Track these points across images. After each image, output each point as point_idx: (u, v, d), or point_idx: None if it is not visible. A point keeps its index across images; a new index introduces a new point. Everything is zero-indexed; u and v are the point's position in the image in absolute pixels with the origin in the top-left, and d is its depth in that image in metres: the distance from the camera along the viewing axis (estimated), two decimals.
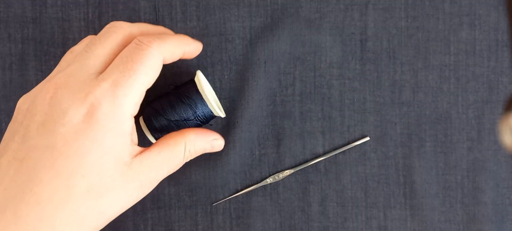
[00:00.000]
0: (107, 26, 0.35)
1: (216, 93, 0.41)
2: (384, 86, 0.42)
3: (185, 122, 0.37)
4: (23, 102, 0.33)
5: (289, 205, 0.42)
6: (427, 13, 0.41)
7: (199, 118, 0.37)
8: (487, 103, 0.42)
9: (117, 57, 0.33)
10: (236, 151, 0.41)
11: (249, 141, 0.42)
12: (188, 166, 0.41)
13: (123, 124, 0.32)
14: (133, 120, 0.33)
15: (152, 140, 0.38)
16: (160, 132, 0.37)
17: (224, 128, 0.42)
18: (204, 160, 0.41)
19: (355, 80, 0.42)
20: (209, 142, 0.37)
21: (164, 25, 0.41)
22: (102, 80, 0.32)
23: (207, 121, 0.38)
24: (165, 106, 0.37)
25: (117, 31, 0.34)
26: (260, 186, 0.42)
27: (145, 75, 0.32)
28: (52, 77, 0.34)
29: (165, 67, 0.38)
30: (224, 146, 0.41)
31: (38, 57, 0.41)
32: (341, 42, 0.41)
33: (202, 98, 0.37)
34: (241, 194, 0.42)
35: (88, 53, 0.33)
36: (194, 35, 0.41)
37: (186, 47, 0.36)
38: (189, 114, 0.37)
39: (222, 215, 0.42)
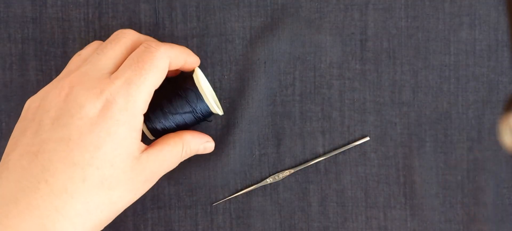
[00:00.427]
0: (115, 33, 0.37)
1: (216, 94, 0.41)
2: (384, 86, 0.41)
3: (181, 116, 0.37)
4: (33, 102, 0.34)
5: (289, 205, 0.42)
6: (427, 13, 0.41)
7: (196, 113, 0.38)
8: (487, 103, 0.41)
9: (128, 58, 0.35)
10: (236, 151, 0.41)
11: (249, 141, 0.41)
12: (188, 166, 0.41)
13: (135, 119, 0.33)
14: (142, 117, 0.34)
15: (149, 135, 0.38)
16: (157, 126, 0.37)
17: (224, 128, 0.41)
18: (204, 160, 0.41)
19: (355, 80, 0.41)
20: (202, 143, 0.39)
21: (164, 26, 0.41)
22: (115, 78, 0.33)
23: (204, 117, 0.38)
24: (163, 100, 0.37)
25: (126, 36, 0.36)
26: (260, 186, 0.41)
27: (154, 75, 0.34)
28: (63, 77, 0.35)
29: None
30: (224, 146, 0.41)
31: (38, 57, 0.41)
32: (341, 42, 0.41)
33: (200, 93, 0.37)
34: (241, 194, 0.41)
35: (99, 55, 0.35)
36: (194, 36, 0.41)
37: (187, 58, 0.38)
38: (186, 108, 0.37)
39: (222, 215, 0.42)
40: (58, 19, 0.41)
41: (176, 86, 0.38)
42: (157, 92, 0.38)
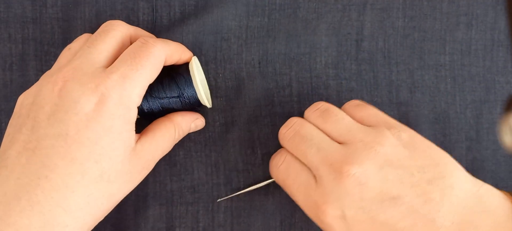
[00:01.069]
0: (104, 24, 0.34)
1: (211, 90, 0.38)
2: (381, 86, 0.39)
3: (169, 100, 0.35)
4: (26, 98, 0.32)
5: (290, 204, 0.38)
6: (425, 13, 0.39)
7: (183, 98, 0.35)
8: (485, 103, 0.39)
9: (124, 53, 0.33)
10: (237, 149, 0.39)
11: (250, 140, 0.39)
12: (190, 163, 0.38)
13: (129, 113, 0.32)
14: (136, 110, 0.32)
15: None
16: (143, 107, 0.35)
17: (222, 126, 0.39)
18: (206, 157, 0.39)
19: (352, 80, 0.39)
20: (192, 121, 0.37)
21: (162, 24, 0.39)
22: (111, 72, 0.31)
23: (191, 105, 0.36)
24: (154, 81, 0.35)
25: (116, 28, 0.34)
26: (262, 185, 0.39)
27: (149, 71, 0.32)
28: (54, 72, 0.32)
29: None
30: (225, 144, 0.38)
31: (39, 57, 0.39)
32: (336, 43, 0.39)
33: (190, 78, 0.35)
34: (246, 191, 0.39)
35: (90, 49, 0.33)
36: (189, 32, 0.38)
37: (182, 54, 0.36)
38: (174, 92, 0.35)
39: (224, 213, 0.39)
40: (58, 19, 0.39)
41: (170, 70, 0.36)
42: None
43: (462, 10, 0.39)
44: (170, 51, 0.34)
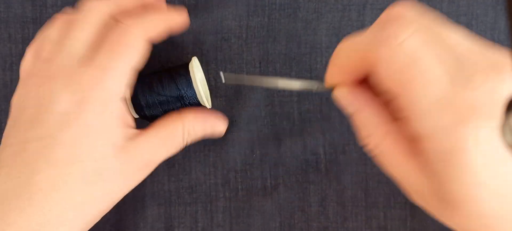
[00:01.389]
0: (82, 6, 0.31)
1: (211, 91, 0.38)
2: None
3: (167, 99, 0.33)
4: (16, 99, 0.31)
5: (289, 204, 0.38)
6: None
7: (182, 98, 0.33)
8: None
9: (101, 42, 0.30)
10: (236, 149, 0.38)
11: (249, 140, 0.38)
12: (188, 163, 0.38)
13: (112, 107, 0.29)
14: (123, 102, 0.30)
15: (134, 114, 0.34)
16: (145, 107, 0.34)
17: None
18: (204, 156, 0.38)
19: None
20: (209, 125, 0.34)
21: None
22: (88, 66, 0.29)
23: (191, 106, 0.35)
24: (153, 81, 0.34)
25: (92, 11, 0.31)
26: (261, 186, 0.38)
27: (130, 56, 0.30)
28: (35, 72, 0.31)
29: (163, 56, 0.36)
30: (224, 143, 0.38)
31: None
32: (336, 43, 0.38)
33: (190, 78, 0.33)
34: (269, 77, 0.35)
35: (70, 41, 0.30)
36: (190, 32, 0.38)
37: (170, 22, 0.32)
38: (173, 92, 0.33)
39: (222, 213, 0.39)
40: None
41: (170, 70, 0.35)
42: (151, 74, 0.34)
43: (462, 10, 0.38)
44: (151, 27, 0.31)
